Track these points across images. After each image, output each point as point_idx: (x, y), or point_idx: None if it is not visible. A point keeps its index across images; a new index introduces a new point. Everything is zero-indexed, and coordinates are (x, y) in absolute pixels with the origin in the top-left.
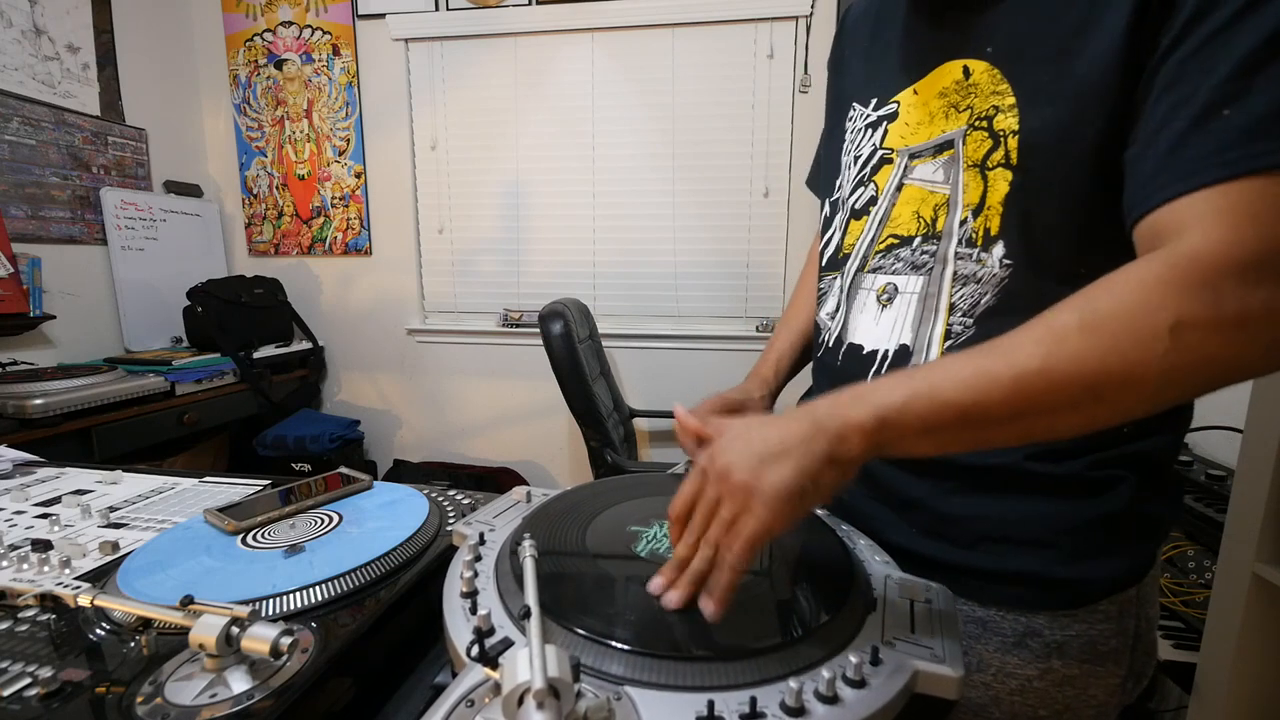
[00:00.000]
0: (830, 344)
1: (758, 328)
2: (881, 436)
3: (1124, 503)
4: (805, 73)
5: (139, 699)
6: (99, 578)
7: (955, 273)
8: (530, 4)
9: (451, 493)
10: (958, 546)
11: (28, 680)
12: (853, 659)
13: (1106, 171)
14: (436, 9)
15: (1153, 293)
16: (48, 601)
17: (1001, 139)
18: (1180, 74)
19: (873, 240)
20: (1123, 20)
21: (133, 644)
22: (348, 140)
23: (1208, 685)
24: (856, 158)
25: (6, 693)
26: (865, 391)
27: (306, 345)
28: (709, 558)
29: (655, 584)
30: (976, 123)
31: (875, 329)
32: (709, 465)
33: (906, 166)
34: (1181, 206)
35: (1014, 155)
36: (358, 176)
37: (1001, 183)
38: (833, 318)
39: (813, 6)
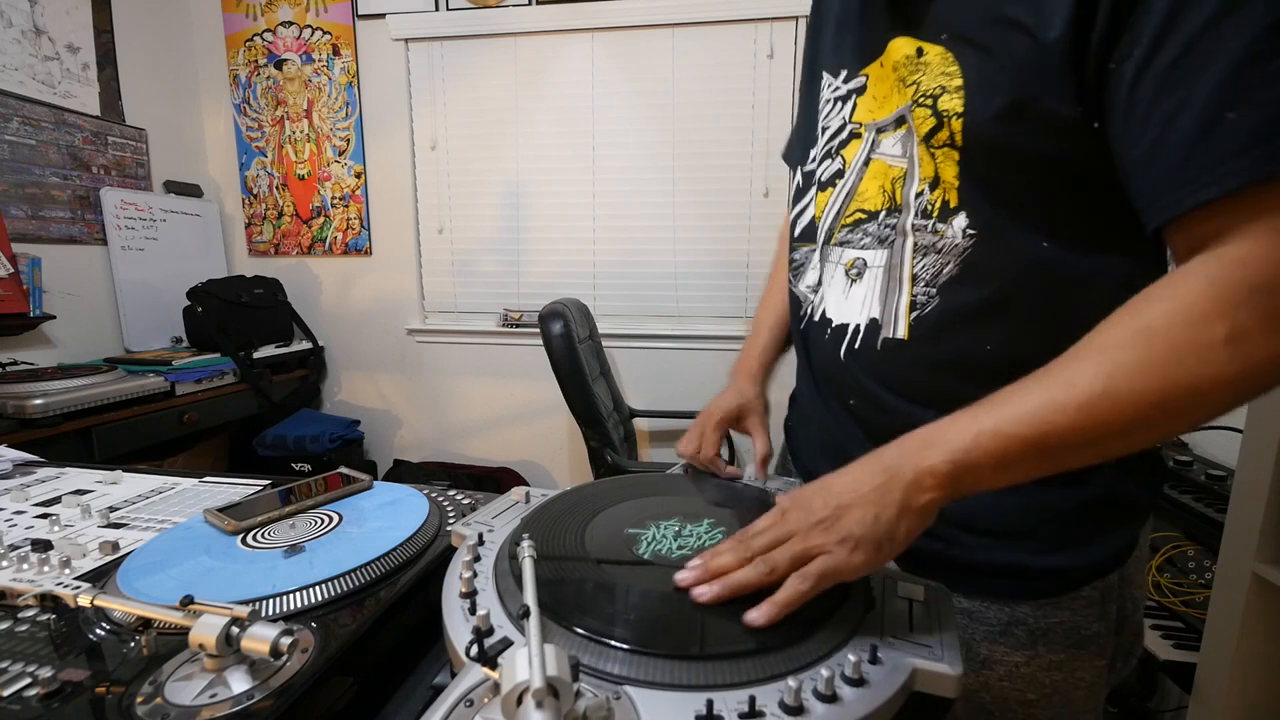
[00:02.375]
0: (816, 319)
1: None
2: (958, 479)
3: (1103, 489)
4: None
5: (139, 699)
6: (99, 578)
7: (915, 244)
8: (530, 4)
9: (451, 493)
10: (939, 540)
11: (28, 680)
12: (851, 657)
13: (1067, 159)
14: (436, 9)
15: (1203, 302)
16: (48, 601)
17: (945, 120)
18: (1172, 79)
19: (838, 214)
20: (1058, 27)
21: (133, 644)
22: (348, 140)
23: (1208, 685)
24: (825, 129)
25: (6, 693)
26: (933, 435)
27: (306, 345)
28: (763, 573)
29: (684, 576)
30: (920, 99)
31: (845, 303)
32: (791, 504)
33: (874, 141)
34: (1218, 210)
35: (958, 137)
36: (358, 176)
37: (950, 162)
38: (815, 291)
39: None
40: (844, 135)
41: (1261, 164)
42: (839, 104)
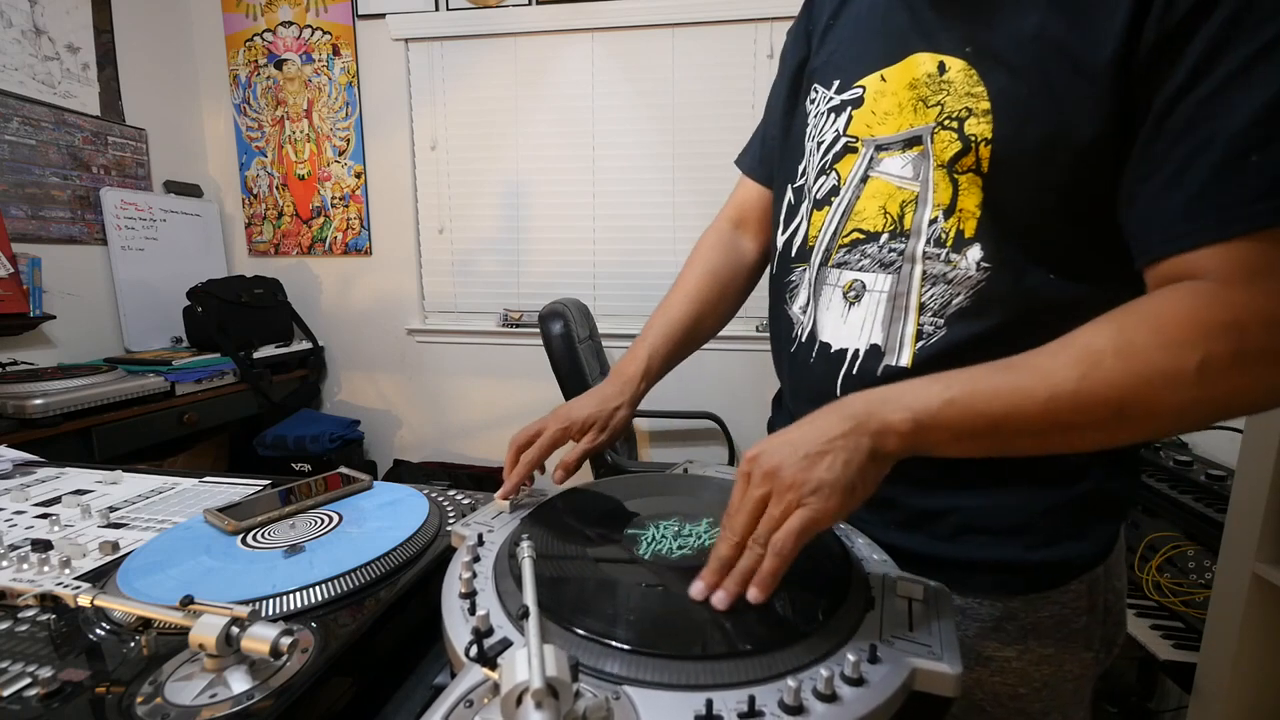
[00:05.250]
0: (804, 340)
1: (757, 328)
2: (917, 439)
3: (1092, 486)
4: None
5: (139, 699)
6: (99, 578)
7: (924, 272)
8: (530, 4)
9: (451, 493)
10: (937, 539)
11: (28, 680)
12: (851, 657)
13: (1087, 188)
14: (436, 9)
15: (1183, 329)
16: (48, 601)
17: (973, 145)
18: (1199, 115)
19: (835, 233)
20: (1110, 47)
21: (133, 644)
22: (348, 140)
23: (1208, 685)
24: (820, 143)
25: (6, 693)
26: (901, 393)
27: (306, 345)
28: (759, 554)
29: (698, 588)
30: (946, 121)
31: (844, 327)
32: (753, 468)
33: (873, 158)
34: (1209, 253)
35: (985, 163)
36: (358, 176)
37: (974, 189)
38: (804, 312)
39: None
40: (838, 148)
41: (1267, 215)
42: (832, 115)
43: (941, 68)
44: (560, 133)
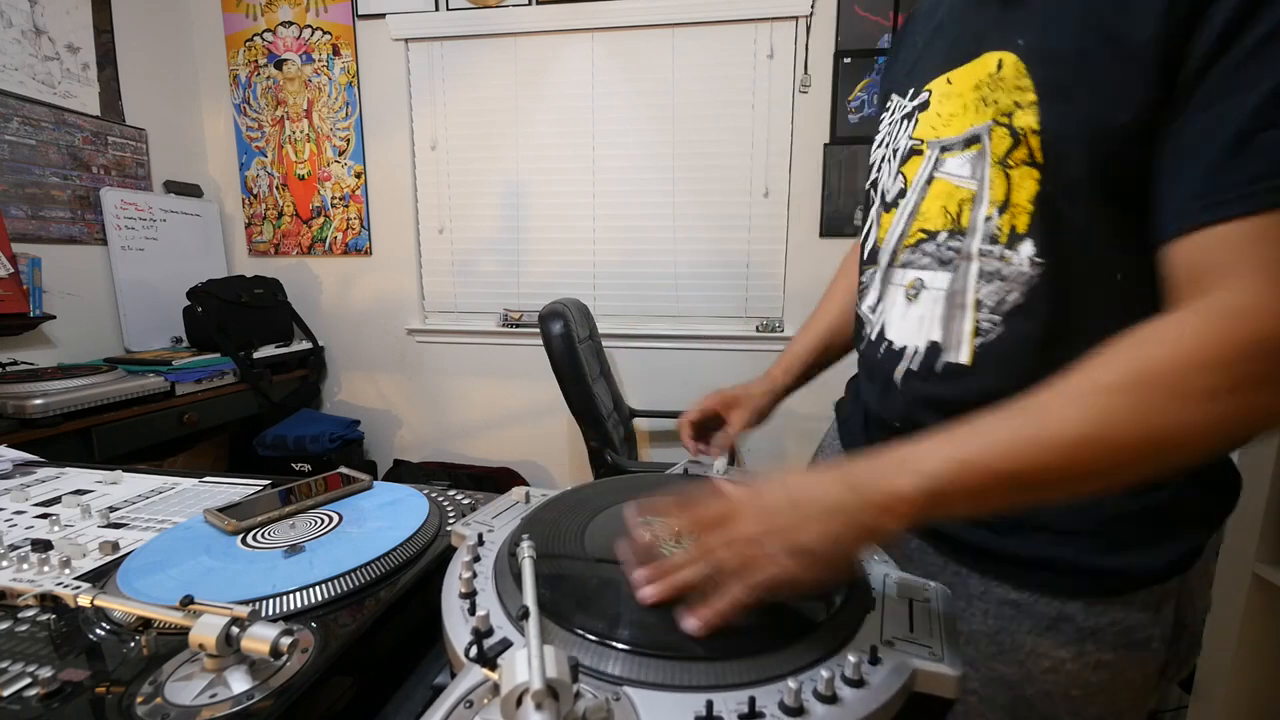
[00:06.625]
0: (873, 338)
1: (758, 328)
2: (928, 508)
3: (1168, 496)
4: (805, 73)
5: (139, 699)
6: (99, 578)
7: (980, 269)
8: (530, 4)
9: (451, 493)
10: (995, 533)
11: (28, 680)
12: (851, 658)
13: (1135, 174)
14: (436, 9)
15: (1193, 353)
16: (48, 601)
17: (1021, 137)
18: (1223, 86)
19: (902, 234)
20: (1150, 27)
21: (133, 644)
22: (348, 140)
23: (1208, 685)
24: (895, 150)
25: (6, 693)
26: (908, 459)
27: (306, 345)
28: (704, 575)
29: (639, 575)
30: (999, 118)
31: (904, 324)
32: (748, 499)
33: (937, 160)
34: (1216, 237)
35: (1038, 154)
36: (358, 176)
37: (1028, 181)
38: (874, 311)
39: (813, 6)
40: (905, 152)
41: (1271, 194)
42: (904, 122)
43: (999, 65)
44: (560, 133)
